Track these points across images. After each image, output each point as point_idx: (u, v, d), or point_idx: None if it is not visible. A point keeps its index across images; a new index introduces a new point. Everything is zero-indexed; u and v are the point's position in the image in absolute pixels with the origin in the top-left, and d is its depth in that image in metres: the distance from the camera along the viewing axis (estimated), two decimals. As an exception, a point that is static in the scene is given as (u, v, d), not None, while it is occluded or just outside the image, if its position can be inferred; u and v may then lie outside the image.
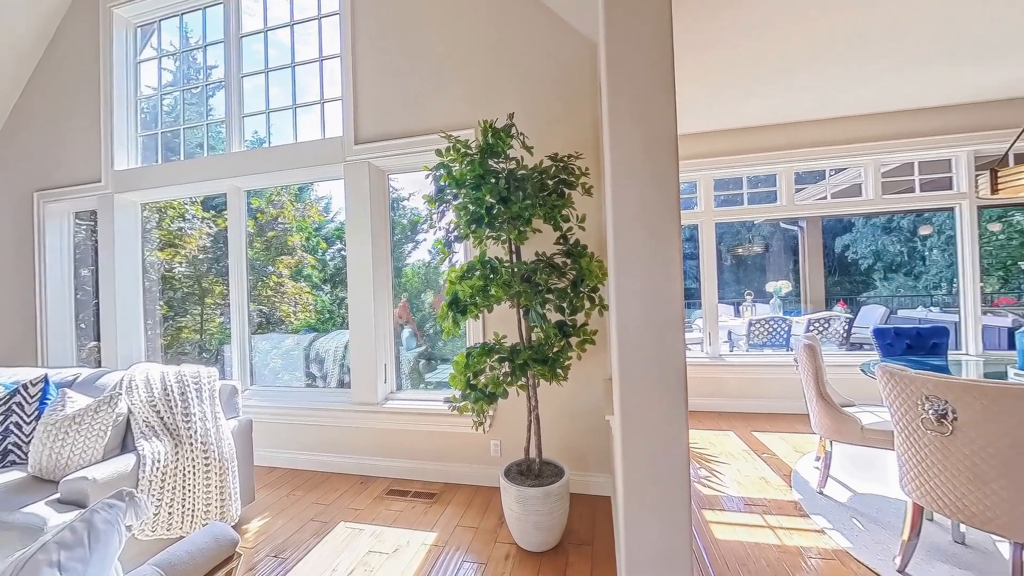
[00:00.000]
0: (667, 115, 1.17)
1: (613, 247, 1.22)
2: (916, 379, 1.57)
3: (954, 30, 2.42)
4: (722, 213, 4.13)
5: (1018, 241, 5.07)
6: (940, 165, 3.79)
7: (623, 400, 1.22)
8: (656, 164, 1.17)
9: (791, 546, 1.96)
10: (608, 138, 1.23)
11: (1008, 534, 1.43)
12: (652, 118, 1.18)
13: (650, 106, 1.18)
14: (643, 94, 1.18)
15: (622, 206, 1.20)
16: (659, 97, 1.17)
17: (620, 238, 1.21)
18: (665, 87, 1.17)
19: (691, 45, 2.48)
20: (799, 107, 3.47)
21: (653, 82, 1.18)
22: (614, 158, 1.21)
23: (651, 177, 1.17)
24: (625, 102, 1.20)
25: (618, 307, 1.22)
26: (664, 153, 1.17)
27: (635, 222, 1.19)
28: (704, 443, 3.20)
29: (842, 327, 5.53)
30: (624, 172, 1.20)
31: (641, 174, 1.18)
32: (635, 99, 1.19)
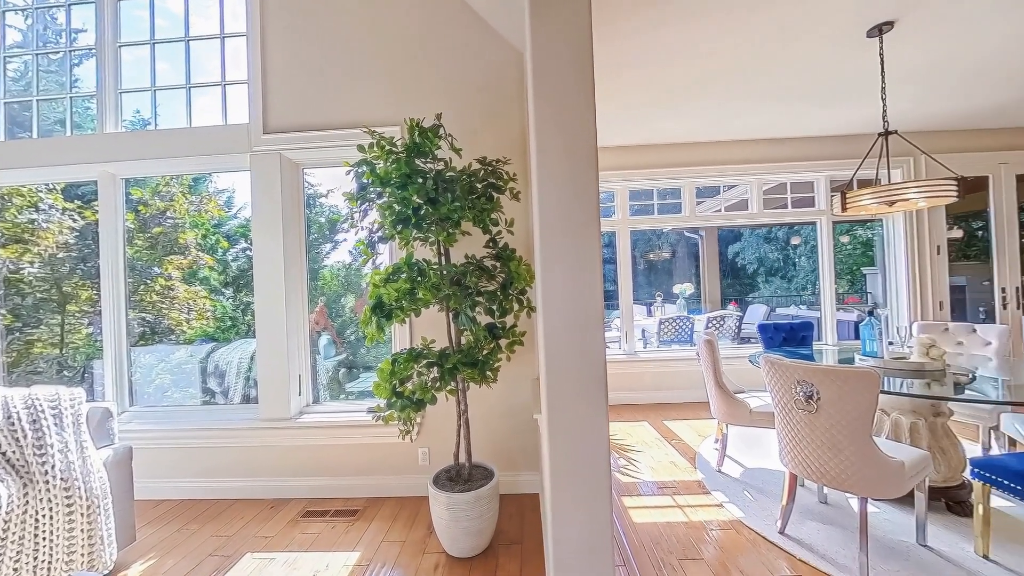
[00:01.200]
0: (588, 127, 1.24)
1: (540, 251, 1.26)
2: (790, 366, 1.85)
3: (808, 79, 2.91)
4: (636, 221, 4.49)
5: (861, 251, 6.23)
6: (806, 186, 4.53)
7: (550, 398, 1.26)
8: (578, 173, 1.24)
9: (696, 521, 2.18)
10: (534, 146, 1.27)
11: (856, 491, 1.74)
12: (575, 129, 1.24)
13: (573, 117, 1.24)
14: (566, 105, 1.24)
15: (547, 212, 1.25)
16: (581, 109, 1.24)
17: (546, 242, 1.25)
18: (586, 100, 1.24)
19: (609, 65, 2.67)
20: (700, 130, 3.91)
21: (575, 95, 1.24)
22: (540, 165, 1.25)
23: (574, 185, 1.24)
24: (550, 112, 1.25)
25: (545, 308, 1.26)
26: (585, 163, 1.24)
27: (559, 227, 1.25)
28: (623, 434, 3.44)
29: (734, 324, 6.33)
30: (549, 179, 1.25)
31: (565, 182, 1.24)
32: (559, 110, 1.24)
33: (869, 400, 1.67)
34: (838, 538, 1.95)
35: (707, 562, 1.86)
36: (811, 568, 1.79)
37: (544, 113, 1.25)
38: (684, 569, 1.82)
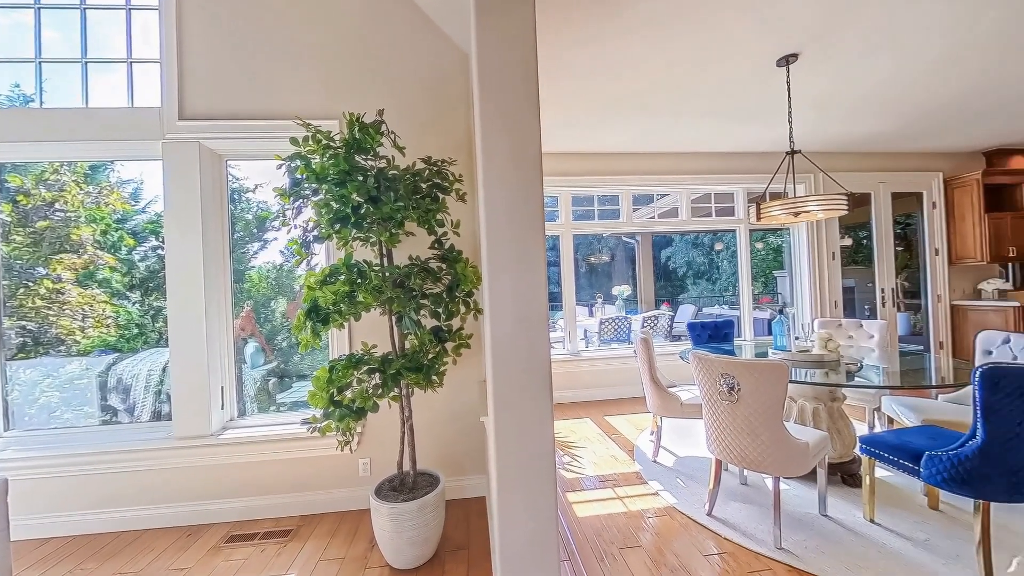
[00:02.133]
0: (533, 131, 1.26)
1: (487, 253, 1.26)
2: (715, 361, 2.02)
3: (729, 99, 3.22)
4: (578, 226, 4.65)
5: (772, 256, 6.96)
6: (727, 197, 4.98)
7: (496, 399, 1.27)
8: (523, 176, 1.26)
9: (635, 510, 2.30)
10: (480, 148, 1.27)
11: (771, 471, 1.94)
12: (520, 132, 1.26)
13: (518, 121, 1.26)
14: (512, 109, 1.26)
15: (494, 214, 1.26)
16: (526, 113, 1.26)
17: (493, 244, 1.26)
18: (531, 105, 1.26)
19: (554, 74, 2.74)
20: (637, 141, 4.15)
21: (521, 99, 1.26)
22: (486, 168, 1.26)
23: (519, 188, 1.26)
24: (495, 116, 1.26)
25: (492, 310, 1.26)
26: (531, 166, 1.26)
27: (506, 230, 1.26)
28: (566, 431, 3.54)
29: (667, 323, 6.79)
30: (496, 182, 1.26)
31: (511, 185, 1.26)
32: (505, 114, 1.26)
33: (780, 389, 1.87)
34: (756, 515, 2.16)
35: (645, 548, 1.97)
36: (735, 545, 1.96)
37: (490, 116, 1.25)
38: (624, 557, 1.91)
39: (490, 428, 1.38)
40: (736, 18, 2.25)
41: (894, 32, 2.44)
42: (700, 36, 2.40)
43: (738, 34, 2.40)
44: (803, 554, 1.85)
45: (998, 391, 1.58)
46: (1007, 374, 1.56)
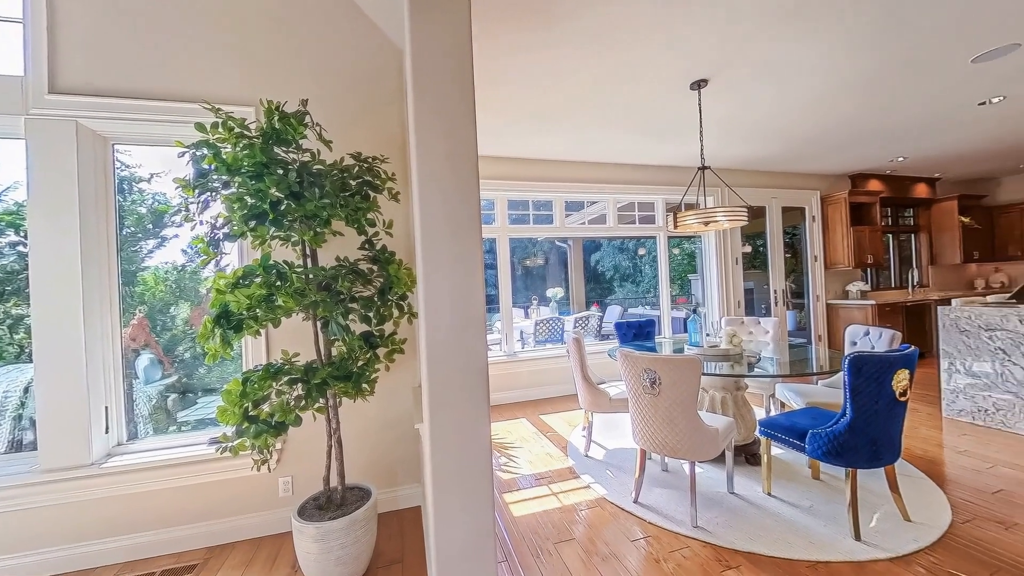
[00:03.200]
0: (469, 132, 1.26)
1: (422, 254, 1.23)
2: (639, 358, 2.17)
3: (650, 116, 3.49)
4: (514, 229, 4.73)
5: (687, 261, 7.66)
6: (649, 206, 5.38)
7: (432, 404, 1.24)
8: (460, 177, 1.25)
9: (569, 505, 2.38)
10: (415, 147, 1.24)
11: (688, 457, 2.12)
12: (456, 133, 1.25)
13: (454, 121, 1.25)
14: (447, 109, 1.25)
15: (430, 215, 1.23)
16: (462, 114, 1.26)
17: (428, 246, 1.23)
18: (467, 106, 1.26)
19: (492, 78, 2.76)
20: (569, 149, 4.32)
21: (457, 100, 1.25)
22: (421, 167, 1.23)
23: (456, 189, 1.24)
24: (431, 115, 1.23)
25: (427, 314, 1.23)
26: (467, 168, 1.26)
27: (442, 231, 1.24)
28: (503, 432, 3.57)
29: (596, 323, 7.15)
30: (431, 182, 1.23)
31: (447, 185, 1.24)
32: (440, 113, 1.24)
33: (695, 382, 2.05)
34: (676, 498, 2.35)
35: (578, 540, 2.05)
36: (658, 528, 2.11)
37: (425, 115, 1.23)
38: (559, 552, 1.97)
39: (425, 435, 1.34)
40: (655, 42, 2.44)
41: (779, 70, 2.82)
42: (624, 56, 2.57)
43: (657, 58, 2.61)
44: (715, 530, 2.05)
45: (861, 375, 1.88)
46: (867, 361, 1.88)
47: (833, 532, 1.99)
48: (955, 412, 3.36)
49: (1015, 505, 2.15)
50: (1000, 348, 3.09)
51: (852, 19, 2.30)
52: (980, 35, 2.52)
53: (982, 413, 3.20)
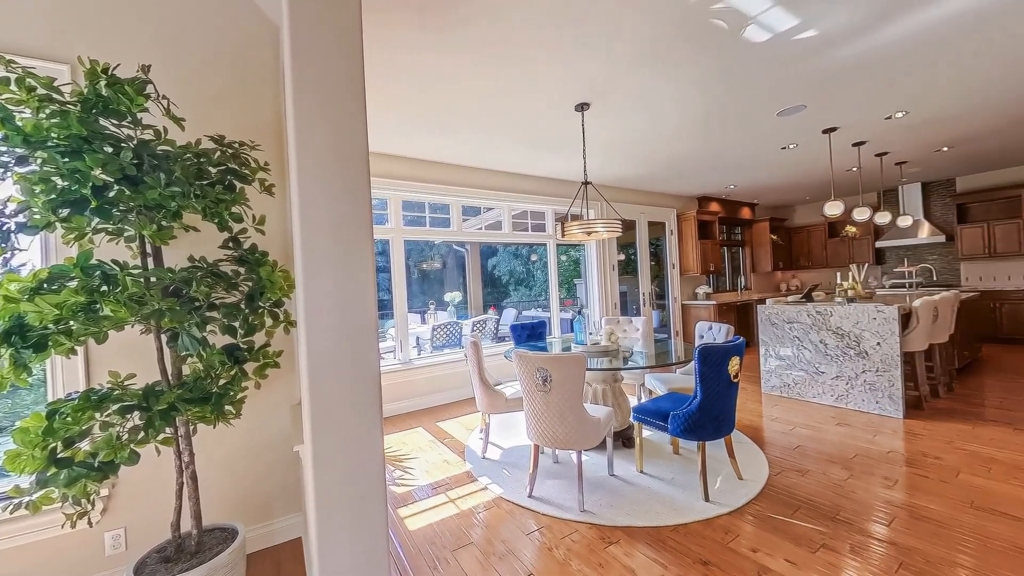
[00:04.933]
0: (358, 124, 1.18)
1: (302, 255, 1.11)
2: (532, 357, 2.28)
3: (540, 131, 3.73)
4: (410, 232, 4.57)
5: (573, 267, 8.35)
6: (540, 215, 5.71)
7: (315, 423, 1.12)
8: (348, 172, 1.16)
9: (467, 509, 2.37)
10: (293, 136, 1.12)
11: (575, 447, 2.29)
12: (343, 124, 1.16)
13: (341, 112, 1.16)
14: (333, 97, 1.15)
15: (312, 212, 1.12)
16: (350, 104, 1.17)
17: (311, 246, 1.11)
18: (355, 95, 1.18)
19: (386, 73, 2.63)
20: (466, 155, 4.35)
21: (344, 88, 1.17)
22: (302, 159, 1.11)
23: (343, 185, 1.15)
24: (314, 103, 1.12)
25: (309, 322, 1.11)
26: (356, 162, 1.17)
27: (327, 230, 1.13)
28: (397, 444, 3.40)
29: (493, 326, 7.32)
30: (315, 175, 1.12)
31: (332, 181, 1.14)
32: (324, 101, 1.14)
33: (580, 377, 2.23)
34: (566, 487, 2.52)
35: (476, 544, 2.05)
36: (550, 518, 2.23)
37: (306, 102, 1.11)
38: (456, 558, 1.95)
39: (307, 457, 1.21)
40: (544, 63, 2.61)
41: (647, 102, 3.26)
42: (517, 72, 2.70)
43: (547, 78, 2.79)
44: (599, 511, 2.25)
45: (707, 363, 2.27)
46: (712, 351, 2.27)
47: (689, 497, 2.34)
48: (770, 388, 4.26)
49: (807, 456, 2.81)
50: (796, 336, 4.03)
51: (696, 69, 2.78)
52: (782, 95, 3.27)
53: (786, 387, 4.12)
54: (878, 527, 2.01)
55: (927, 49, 2.68)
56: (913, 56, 2.77)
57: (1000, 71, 3.05)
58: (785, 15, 2.26)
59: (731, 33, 2.40)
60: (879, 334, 3.48)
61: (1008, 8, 2.30)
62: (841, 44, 2.58)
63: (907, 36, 2.52)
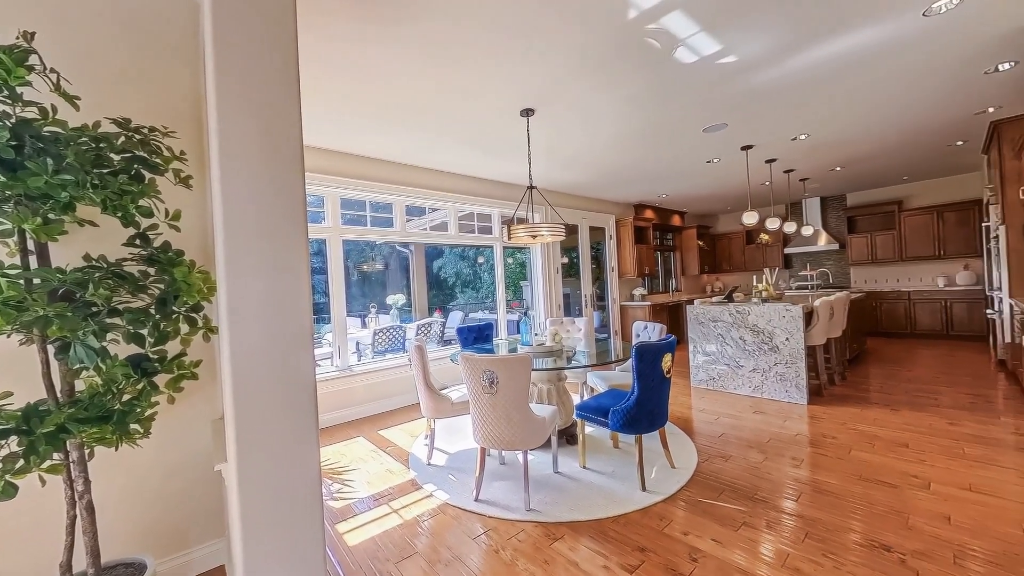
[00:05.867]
0: (291, 115, 1.11)
1: (224, 255, 1.01)
2: (479, 360, 2.27)
3: (486, 134, 3.74)
4: (349, 231, 4.36)
5: (519, 269, 8.46)
6: (487, 217, 5.72)
7: (241, 437, 1.03)
8: (279, 166, 1.08)
9: (411, 519, 2.30)
10: (216, 125, 1.02)
11: (521, 447, 2.32)
12: (274, 114, 1.08)
13: (271, 100, 1.08)
14: (262, 84, 1.07)
15: (237, 208, 1.02)
16: (282, 93, 1.09)
17: (235, 245, 1.02)
18: (287, 83, 1.11)
19: (323, 62, 2.49)
20: (411, 154, 4.24)
21: (274, 74, 1.09)
22: (225, 150, 1.02)
23: (274, 180, 1.07)
24: (238, 88, 1.04)
25: (234, 328, 1.02)
26: (288, 156, 1.10)
27: (255, 228, 1.05)
28: (336, 456, 3.22)
29: (439, 329, 7.19)
30: (239, 169, 1.03)
31: (261, 174, 1.06)
32: (251, 88, 1.05)
33: (526, 377, 2.27)
34: (512, 488, 2.54)
35: (421, 553, 2.00)
36: (497, 520, 2.23)
37: (231, 88, 1.02)
38: (401, 570, 1.88)
39: (231, 476, 1.10)
40: (490, 66, 2.63)
41: (587, 112, 3.40)
42: (464, 73, 2.69)
43: (493, 82, 2.81)
44: (545, 509, 2.30)
45: (643, 360, 2.40)
46: (647, 349, 2.41)
47: (628, 488, 2.47)
48: (698, 382, 4.61)
49: (730, 443, 3.08)
50: (720, 334, 4.41)
51: (632, 84, 2.95)
52: (708, 113, 3.57)
53: (712, 380, 4.49)
54: (788, 503, 2.25)
55: (823, 82, 3.08)
56: (812, 87, 3.16)
57: (879, 105, 3.58)
58: (710, 40, 2.48)
59: (663, 53, 2.58)
60: (787, 330, 3.92)
61: (886, 51, 2.71)
62: (756, 71, 2.87)
63: (807, 69, 2.88)
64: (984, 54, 2.83)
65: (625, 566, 1.83)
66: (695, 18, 2.26)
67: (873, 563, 1.76)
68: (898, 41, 2.60)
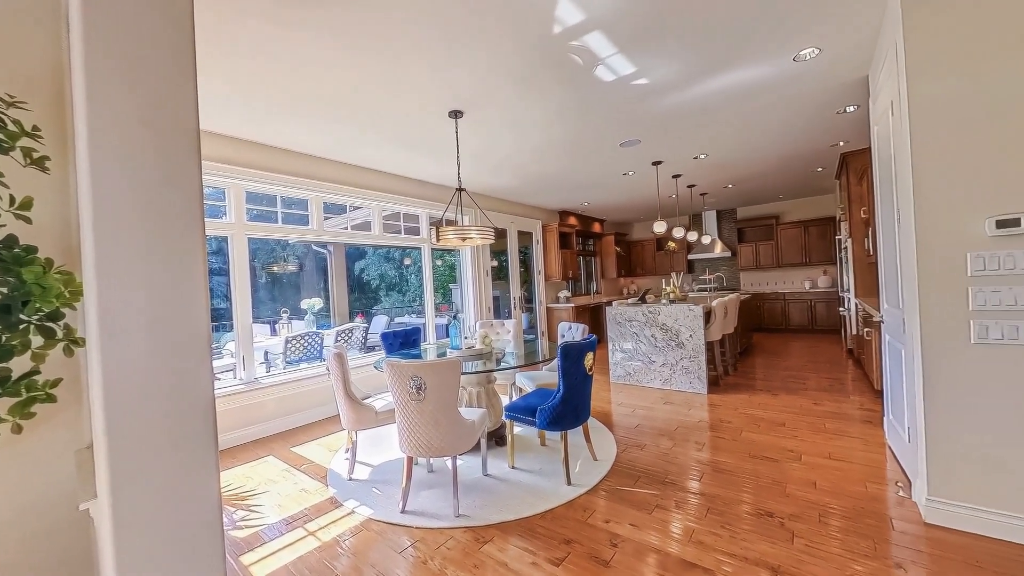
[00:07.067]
0: (185, 95, 0.97)
1: (95, 253, 0.86)
2: (406, 366, 2.20)
3: (413, 133, 3.65)
4: (256, 228, 3.95)
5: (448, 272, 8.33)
6: (414, 218, 5.56)
7: (116, 469, 0.87)
8: (170, 151, 0.95)
9: (329, 540, 2.14)
10: (84, 99, 0.86)
11: (450, 453, 2.28)
12: (162, 91, 0.94)
13: (160, 74, 0.94)
14: (146, 53, 0.93)
15: (112, 198, 0.87)
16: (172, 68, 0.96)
17: (109, 242, 0.87)
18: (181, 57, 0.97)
19: (233, 41, 2.22)
20: (331, 148, 3.96)
21: (165, 44, 0.95)
22: (95, 129, 0.86)
23: (162, 167, 0.93)
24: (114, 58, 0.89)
25: (107, 340, 0.87)
26: (181, 141, 0.97)
27: (136, 222, 0.90)
28: (240, 480, 2.88)
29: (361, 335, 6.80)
30: (115, 153, 0.88)
31: (144, 160, 0.92)
32: (132, 58, 0.91)
33: (455, 381, 2.24)
34: (441, 495, 2.49)
35: (341, 575, 1.87)
36: (424, 530, 2.17)
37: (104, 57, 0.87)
38: (318, 597, 1.74)
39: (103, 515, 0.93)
40: (417, 63, 2.56)
41: (514, 120, 3.48)
42: (389, 68, 2.58)
43: (419, 78, 2.74)
44: (474, 513, 2.28)
45: (568, 359, 2.51)
46: (572, 348, 2.52)
47: (554, 484, 2.56)
48: (616, 377, 4.94)
49: (644, 433, 3.35)
50: (634, 332, 4.77)
51: (556, 96, 3.09)
52: (624, 129, 3.86)
53: (629, 376, 4.84)
54: (693, 483, 2.51)
55: (718, 109, 3.51)
56: (710, 112, 3.58)
57: (762, 132, 4.17)
58: (625, 62, 2.68)
59: (585, 69, 2.74)
60: (691, 328, 4.37)
61: (767, 87, 3.16)
62: (665, 94, 3.18)
63: (706, 96, 3.25)
64: (837, 97, 3.44)
65: (552, 560, 1.89)
66: (613, 40, 2.43)
67: (761, 529, 2.03)
68: (776, 79, 3.05)
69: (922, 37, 1.92)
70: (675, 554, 1.88)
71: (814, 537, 1.94)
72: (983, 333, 1.83)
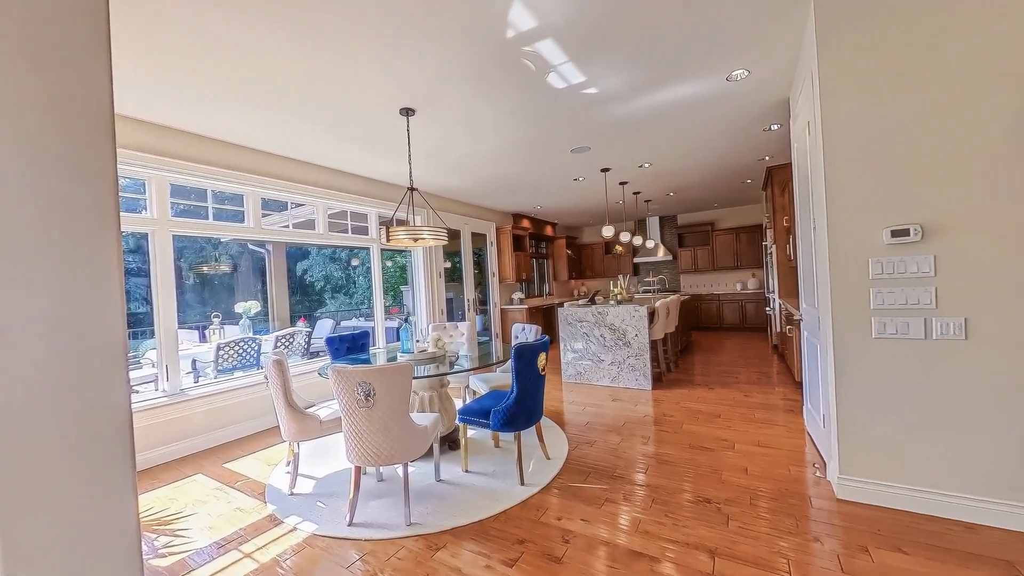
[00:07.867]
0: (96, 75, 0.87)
1: (-22, 250, 0.74)
2: (353, 372, 2.10)
3: (362, 129, 3.52)
4: (183, 224, 3.60)
5: (399, 273, 8.10)
6: (362, 217, 5.34)
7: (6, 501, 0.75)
8: (77, 137, 0.84)
9: (268, 561, 1.99)
10: (-36, 68, 0.74)
11: (401, 460, 2.22)
12: (67, 70, 0.83)
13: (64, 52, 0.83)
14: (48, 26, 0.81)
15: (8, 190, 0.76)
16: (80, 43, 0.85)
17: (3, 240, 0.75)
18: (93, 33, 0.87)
19: (158, 18, 2.00)
20: (271, 141, 3.71)
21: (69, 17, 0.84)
22: (-20, 105, 0.74)
23: (68, 154, 0.82)
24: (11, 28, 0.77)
25: None
26: (92, 126, 0.86)
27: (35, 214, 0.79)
28: (163, 502, 2.61)
29: (304, 340, 6.41)
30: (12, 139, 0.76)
31: (44, 145, 0.80)
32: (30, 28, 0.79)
33: (407, 387, 2.18)
34: (392, 504, 2.41)
35: (282, 598, 1.75)
36: (374, 542, 2.09)
37: (-9, 23, 0.75)
38: (255, 624, 1.61)
39: (-13, 552, 0.80)
40: (366, 57, 2.48)
41: (468, 121, 3.47)
42: (336, 59, 2.47)
43: (368, 73, 2.65)
44: (427, 521, 2.23)
45: (522, 360, 2.54)
46: (525, 349, 2.55)
47: (508, 485, 2.57)
48: (567, 377, 5.07)
49: (594, 430, 3.46)
50: (585, 332, 4.92)
51: (510, 100, 3.12)
52: (575, 136, 3.97)
53: (579, 375, 4.98)
54: (639, 475, 2.63)
55: (661, 121, 3.72)
56: (654, 124, 3.79)
57: (700, 145, 4.48)
58: (575, 71, 2.77)
59: (538, 75, 2.79)
60: (636, 327, 4.58)
61: (704, 103, 3.40)
62: (613, 104, 3.32)
63: (650, 108, 3.44)
64: (763, 116, 3.78)
65: (506, 561, 1.89)
66: (564, 49, 2.50)
67: (700, 515, 2.17)
68: (712, 96, 3.29)
69: (834, 65, 2.16)
70: (623, 545, 1.96)
71: (746, 519, 2.11)
72: (881, 329, 2.10)
